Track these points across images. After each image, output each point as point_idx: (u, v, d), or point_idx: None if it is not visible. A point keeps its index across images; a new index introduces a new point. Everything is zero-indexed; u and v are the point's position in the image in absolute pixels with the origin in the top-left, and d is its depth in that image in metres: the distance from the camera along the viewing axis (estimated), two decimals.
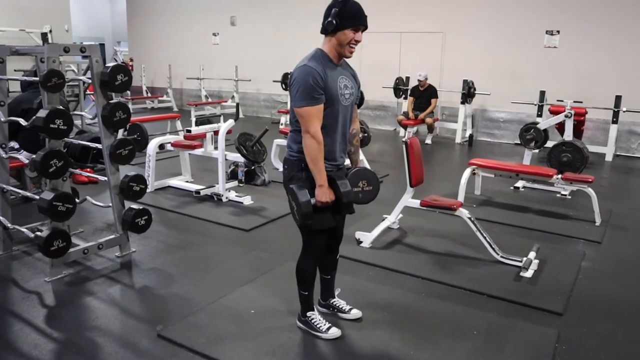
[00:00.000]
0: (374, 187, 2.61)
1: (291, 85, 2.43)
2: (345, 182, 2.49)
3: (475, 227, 3.82)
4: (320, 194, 2.46)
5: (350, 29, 2.40)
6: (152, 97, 13.34)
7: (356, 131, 2.76)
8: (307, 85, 2.35)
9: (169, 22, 13.62)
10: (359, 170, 2.60)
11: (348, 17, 2.39)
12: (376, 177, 2.64)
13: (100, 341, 2.70)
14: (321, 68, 2.40)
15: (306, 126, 2.39)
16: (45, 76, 3.05)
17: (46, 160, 3.11)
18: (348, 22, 2.39)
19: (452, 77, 9.17)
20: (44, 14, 11.45)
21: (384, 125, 10.41)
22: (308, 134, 2.39)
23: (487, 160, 5.34)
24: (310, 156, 2.42)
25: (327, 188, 2.47)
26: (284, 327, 2.82)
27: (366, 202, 2.61)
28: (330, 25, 2.41)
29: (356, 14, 2.42)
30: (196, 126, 5.34)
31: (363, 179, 2.57)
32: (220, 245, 4.11)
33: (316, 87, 2.36)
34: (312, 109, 2.37)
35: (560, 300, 3.21)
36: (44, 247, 3.18)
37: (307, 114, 2.38)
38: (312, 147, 2.40)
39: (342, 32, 2.41)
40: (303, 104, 2.37)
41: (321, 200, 2.46)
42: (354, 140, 2.76)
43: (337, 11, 2.39)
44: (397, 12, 9.82)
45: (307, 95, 2.36)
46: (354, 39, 2.43)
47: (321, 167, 2.44)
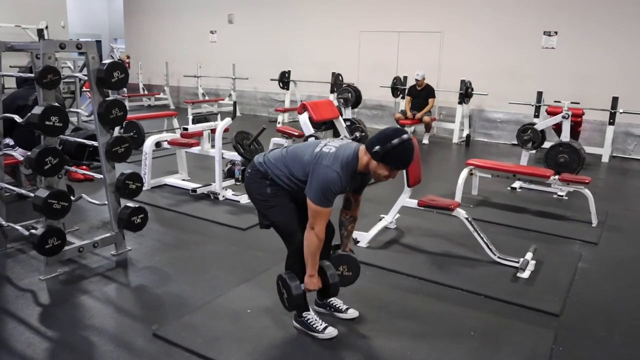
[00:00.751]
0: (353, 273, 2.76)
1: (312, 173, 2.47)
2: (334, 274, 2.62)
3: (473, 227, 3.82)
4: (309, 282, 2.60)
5: (391, 167, 2.44)
6: (149, 95, 13.29)
7: (353, 219, 2.86)
8: (328, 191, 2.44)
9: (166, 20, 13.57)
10: (343, 256, 2.75)
11: (394, 158, 2.42)
12: (357, 264, 2.79)
13: (95, 340, 2.68)
14: (346, 179, 2.47)
15: (313, 223, 2.50)
16: (40, 73, 3.03)
17: (41, 158, 3.09)
18: (392, 162, 2.43)
19: (449, 77, 9.16)
20: (40, 10, 11.38)
21: (381, 124, 10.39)
22: (313, 231, 2.50)
23: (485, 161, 5.33)
24: (309, 250, 2.55)
25: (317, 278, 2.61)
26: (281, 327, 2.80)
27: (343, 286, 2.75)
28: (376, 155, 2.41)
29: (403, 161, 2.47)
30: (193, 124, 5.31)
31: (345, 264, 2.74)
32: (216, 244, 4.09)
33: (335, 194, 2.47)
34: (325, 211, 2.48)
35: (557, 301, 3.21)
36: (38, 245, 3.15)
37: (320, 213, 2.47)
38: (314, 244, 2.51)
39: (382, 165, 2.43)
40: (318, 203, 2.46)
41: (309, 289, 2.61)
42: (349, 227, 2.86)
43: (391, 147, 2.38)
44: (395, 12, 9.80)
45: (324, 198, 2.45)
46: (388, 176, 2.48)
47: (316, 261, 2.57)
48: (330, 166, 2.44)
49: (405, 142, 2.41)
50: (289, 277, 2.61)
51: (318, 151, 2.52)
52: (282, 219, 2.66)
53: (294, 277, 2.61)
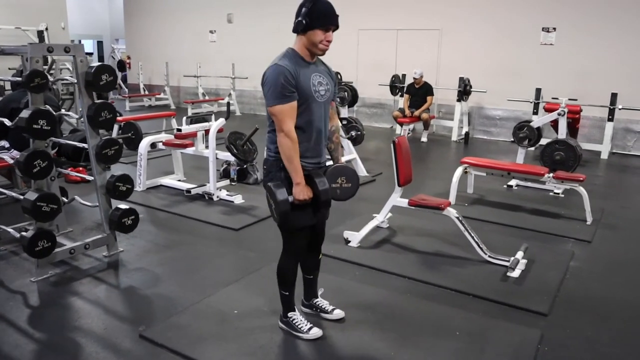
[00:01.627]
0: (353, 184, 2.60)
1: (263, 85, 2.43)
2: (323, 180, 2.48)
3: (463, 226, 3.81)
4: (297, 191, 2.46)
5: (320, 29, 2.40)
6: (150, 95, 13.34)
7: (335, 128, 2.74)
8: (278, 84, 2.35)
9: (166, 20, 13.60)
10: (338, 167, 2.60)
11: (318, 16, 2.38)
12: (355, 174, 2.63)
13: (82, 341, 2.71)
14: (292, 66, 2.40)
15: (279, 125, 2.40)
16: (27, 76, 3.05)
17: (30, 161, 3.11)
18: (318, 22, 2.38)
19: (448, 74, 9.14)
20: (40, 11, 11.43)
21: (380, 122, 10.39)
22: (282, 133, 2.40)
23: (479, 159, 5.32)
24: (285, 155, 2.42)
25: (305, 186, 2.47)
26: (266, 328, 2.81)
27: (345, 199, 2.61)
28: (299, 25, 2.40)
29: (326, 14, 2.41)
30: (187, 125, 5.33)
31: (342, 176, 2.57)
32: (208, 244, 4.10)
33: (287, 85, 2.37)
34: (285, 107, 2.38)
35: (546, 300, 3.20)
36: (28, 247, 3.18)
37: (280, 112, 2.38)
38: (287, 146, 2.41)
39: (313, 32, 2.40)
40: (275, 103, 2.37)
41: (299, 198, 2.46)
42: (333, 137, 2.74)
43: (307, 11, 2.38)
44: (394, 9, 9.78)
45: (279, 94, 2.36)
46: (324, 39, 2.42)
47: (297, 166, 2.44)
48: (271, 65, 2.42)
49: (316, 1, 2.39)
50: (274, 185, 2.47)
51: None
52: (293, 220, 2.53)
53: (280, 185, 2.47)
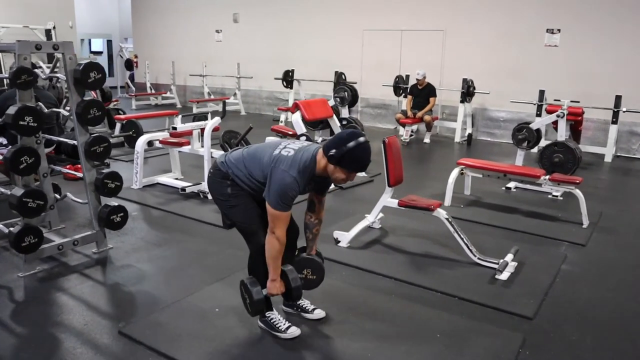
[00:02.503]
0: (317, 277, 2.77)
1: (270, 178, 2.46)
2: (296, 278, 2.62)
3: (453, 228, 3.78)
4: (271, 287, 2.62)
5: (347, 170, 2.43)
6: (156, 94, 13.41)
7: (318, 222, 2.83)
8: (285, 196, 2.44)
9: (173, 19, 13.67)
10: (307, 259, 2.76)
11: (350, 162, 2.41)
12: (321, 268, 2.79)
13: (62, 337, 2.72)
14: (303, 183, 2.47)
15: (274, 227, 2.50)
16: (14, 73, 3.07)
17: (16, 157, 3.14)
18: (348, 165, 2.42)
19: (452, 75, 9.08)
20: (48, 10, 11.58)
21: (384, 123, 10.35)
22: (274, 235, 2.51)
23: (475, 160, 5.28)
24: (271, 254, 2.55)
25: (279, 282, 2.61)
26: (245, 327, 2.81)
27: (307, 289, 2.78)
28: (332, 159, 2.40)
29: (361, 165, 2.46)
30: (182, 123, 5.35)
31: (308, 268, 2.74)
32: (198, 242, 4.11)
33: (292, 198, 2.47)
34: (284, 215, 2.49)
35: (532, 304, 3.15)
36: (15, 242, 3.21)
37: (277, 217, 2.48)
38: (274, 248, 2.52)
39: (339, 169, 2.42)
40: (277, 207, 2.46)
41: (272, 293, 2.63)
42: (313, 229, 2.83)
43: (346, 151, 2.37)
44: (398, 10, 9.74)
45: (283, 203, 2.45)
46: (345, 179, 2.47)
47: (277, 265, 2.58)
48: (287, 170, 2.43)
49: (360, 145, 2.39)
50: (250, 282, 2.61)
51: (276, 154, 2.51)
52: (243, 219, 2.66)
53: (255, 283, 2.61)
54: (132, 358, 2.55)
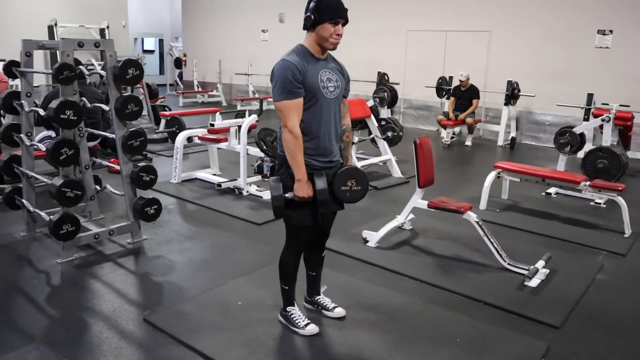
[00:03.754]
0: (363, 187, 2.57)
1: (271, 80, 2.45)
2: (322, 179, 2.46)
3: (483, 231, 3.70)
4: (297, 188, 2.45)
5: (329, 23, 2.39)
6: (203, 92, 13.74)
7: (346, 127, 2.72)
8: (285, 79, 2.36)
9: (221, 19, 13.96)
10: (348, 169, 2.57)
11: (326, 11, 2.38)
12: (365, 177, 2.59)
13: (90, 321, 2.84)
14: (300, 62, 2.40)
15: (284, 120, 2.41)
16: (57, 69, 3.23)
17: (57, 149, 3.30)
18: (326, 16, 2.38)
19: (497, 77, 8.86)
20: (103, 10, 12.07)
21: (427, 125, 10.23)
22: (286, 128, 2.41)
23: (513, 164, 5.15)
24: (288, 150, 2.43)
25: (306, 183, 2.45)
26: (265, 321, 2.85)
27: (354, 202, 2.59)
28: (308, 20, 2.41)
29: (334, 8, 2.40)
30: (221, 120, 5.46)
31: (352, 178, 2.53)
32: (229, 237, 4.19)
33: (294, 81, 2.37)
34: (290, 103, 2.38)
35: (561, 312, 3.05)
36: (53, 230, 3.37)
37: (285, 107, 2.39)
38: (289, 141, 2.41)
39: (322, 27, 2.40)
40: (281, 98, 2.38)
41: (298, 195, 2.45)
42: (343, 136, 2.72)
43: (315, 5, 2.38)
44: (444, 11, 9.60)
45: (285, 89, 2.37)
46: (334, 33, 2.41)
47: (299, 162, 2.43)
48: (282, 58, 2.42)
49: None
50: (274, 180, 2.49)
51: None
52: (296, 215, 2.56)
53: (278, 180, 2.49)
54: (153, 345, 2.64)
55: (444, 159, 7.73)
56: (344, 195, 2.53)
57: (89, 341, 2.66)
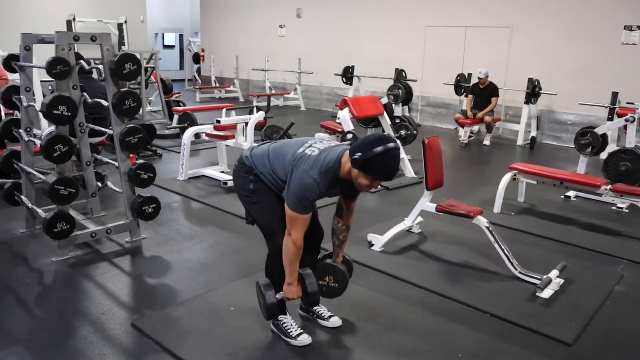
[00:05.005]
0: (340, 286, 2.62)
1: (290, 177, 2.35)
2: (313, 283, 2.49)
3: (494, 237, 3.51)
4: (288, 291, 2.50)
5: (371, 177, 2.27)
6: (220, 87, 13.68)
7: (345, 228, 2.69)
8: (304, 198, 2.32)
9: (239, 14, 13.88)
10: (329, 266, 2.62)
11: (375, 168, 2.23)
12: (345, 277, 2.63)
13: (78, 324, 2.75)
14: (325, 186, 2.34)
15: (291, 229, 2.39)
16: (50, 64, 3.14)
17: (51, 146, 3.21)
18: (371, 172, 2.25)
19: (518, 75, 8.57)
20: (122, 5, 12.08)
21: (445, 123, 9.98)
22: (290, 238, 2.39)
23: (530, 165, 4.92)
24: (287, 257, 2.43)
25: (296, 286, 2.50)
26: (257, 329, 2.72)
27: (329, 297, 2.66)
28: (355, 163, 2.24)
29: (386, 174, 2.27)
30: (227, 117, 5.35)
31: (331, 275, 2.60)
32: (230, 238, 4.07)
33: (312, 201, 2.35)
34: (302, 218, 2.36)
35: (574, 328, 2.85)
36: (47, 228, 3.30)
37: (296, 220, 2.36)
38: (291, 251, 2.41)
39: (364, 175, 2.26)
40: (294, 209, 2.34)
41: (288, 297, 2.52)
42: (340, 236, 2.70)
43: (373, 156, 2.20)
44: (463, 6, 9.33)
45: (302, 205, 2.33)
46: (369, 186, 2.31)
47: (294, 269, 2.46)
48: (308, 171, 2.29)
49: (388, 152, 2.21)
50: (264, 286, 2.52)
51: (300, 152, 2.37)
52: (263, 218, 2.56)
53: (270, 286, 2.52)
54: (139, 352, 2.53)
55: (460, 158, 7.51)
56: (320, 289, 2.54)
57: (72, 346, 2.56)
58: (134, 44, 12.31)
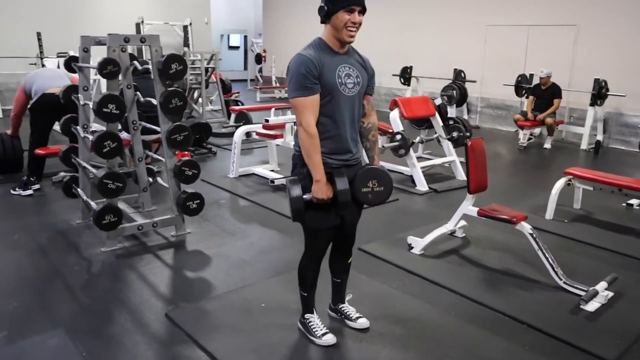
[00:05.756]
0: (386, 188, 2.42)
1: (286, 76, 2.34)
2: (343, 180, 2.32)
3: (537, 245, 3.36)
4: (316, 189, 2.32)
5: (344, 11, 2.23)
6: (280, 87, 13.89)
7: (372, 125, 2.56)
8: (300, 74, 2.24)
9: (299, 15, 14.02)
10: (370, 169, 2.42)
11: None
12: (388, 177, 2.43)
13: (116, 312, 2.89)
14: (316, 56, 2.27)
15: (299, 118, 2.29)
16: (101, 64, 3.32)
17: (100, 142, 3.39)
18: (339, 4, 2.23)
19: (583, 75, 8.14)
20: (187, 7, 12.53)
21: (504, 126, 9.64)
22: (301, 127, 2.29)
23: (586, 170, 4.66)
24: (304, 150, 2.31)
25: (325, 184, 2.32)
26: (284, 326, 2.75)
27: (377, 204, 2.46)
28: (321, 10, 2.27)
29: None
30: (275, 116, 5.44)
31: (373, 179, 2.39)
32: (271, 235, 4.14)
33: (309, 76, 2.23)
34: (305, 100, 2.25)
35: (618, 345, 2.68)
36: (96, 219, 3.49)
37: (300, 105, 2.27)
38: (305, 141, 2.29)
39: (336, 16, 2.25)
40: (295, 95, 2.27)
41: (317, 197, 2.32)
42: (369, 135, 2.57)
43: None
44: (526, 4, 8.98)
45: (300, 85, 2.24)
46: (349, 20, 2.24)
47: (316, 162, 2.30)
48: (298, 53, 2.30)
49: None
50: (291, 180, 2.40)
51: None
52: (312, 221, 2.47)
53: (296, 181, 2.39)
54: (169, 342, 2.63)
55: (518, 162, 7.23)
56: (365, 197, 2.39)
57: (109, 331, 2.70)
58: (198, 45, 12.73)
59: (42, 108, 4.86)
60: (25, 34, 10.48)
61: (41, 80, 4.94)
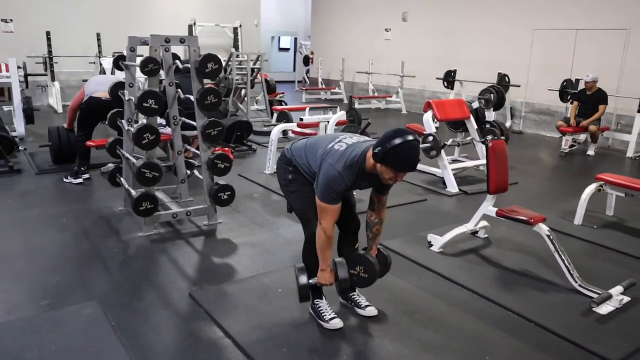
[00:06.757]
0: (369, 276, 2.70)
1: (319, 170, 2.53)
2: (344, 269, 2.65)
3: (554, 246, 3.38)
4: (321, 277, 2.69)
5: (393, 169, 2.38)
6: (326, 89, 14.11)
7: (378, 220, 2.80)
8: (330, 189, 2.48)
9: (346, 18, 14.21)
10: (360, 256, 2.72)
11: (394, 160, 2.35)
12: (374, 269, 2.71)
13: (145, 289, 3.15)
14: (351, 178, 2.49)
15: (320, 217, 2.57)
16: (142, 62, 3.61)
17: (140, 134, 3.67)
18: (391, 163, 2.36)
19: (633, 80, 7.90)
20: (237, 10, 12.95)
21: (548, 131, 9.45)
22: (321, 226, 2.56)
23: (617, 176, 4.58)
24: (319, 245, 2.61)
25: (329, 272, 2.67)
26: (296, 310, 2.92)
27: (359, 287, 2.83)
28: (377, 156, 2.37)
29: (406, 165, 2.38)
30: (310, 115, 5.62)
31: (362, 265, 2.69)
32: (298, 229, 4.19)
33: (338, 193, 2.49)
34: (329, 207, 2.52)
35: (625, 348, 2.68)
36: (133, 206, 3.77)
37: (324, 210, 2.53)
38: (321, 239, 2.58)
39: (386, 168, 2.39)
40: (323, 200, 2.51)
41: (321, 282, 2.70)
42: (373, 229, 2.81)
43: (390, 148, 2.32)
44: (574, 7, 8.79)
45: (327, 195, 2.50)
46: (394, 177, 2.43)
47: (326, 257, 2.63)
48: (334, 164, 2.46)
49: (406, 143, 2.31)
50: (298, 269, 2.73)
51: (330, 147, 2.55)
52: (299, 206, 2.76)
53: (303, 270, 2.73)
54: (190, 318, 2.85)
55: (557, 168, 7.12)
56: (350, 277, 2.68)
57: (137, 306, 2.95)
58: (247, 46, 13.14)
59: (88, 108, 5.27)
60: (86, 35, 11.17)
61: (93, 85, 5.34)
